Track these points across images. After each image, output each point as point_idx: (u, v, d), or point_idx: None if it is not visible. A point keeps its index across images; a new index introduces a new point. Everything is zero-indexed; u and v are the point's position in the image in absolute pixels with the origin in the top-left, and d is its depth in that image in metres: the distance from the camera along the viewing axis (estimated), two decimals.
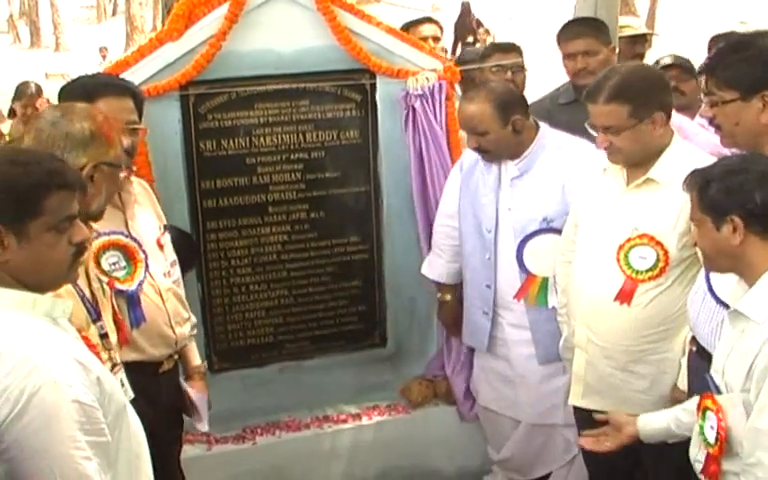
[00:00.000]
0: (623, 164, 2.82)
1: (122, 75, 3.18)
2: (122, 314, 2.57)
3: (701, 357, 2.49)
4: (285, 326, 3.84)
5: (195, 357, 3.04)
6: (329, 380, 3.89)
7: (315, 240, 3.79)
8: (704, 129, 3.24)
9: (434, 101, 3.64)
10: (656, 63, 4.13)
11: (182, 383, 2.95)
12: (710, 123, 2.56)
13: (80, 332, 1.94)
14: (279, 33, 3.50)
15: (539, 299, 3.30)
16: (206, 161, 3.56)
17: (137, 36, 24.08)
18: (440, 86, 3.64)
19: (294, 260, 3.78)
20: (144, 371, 2.62)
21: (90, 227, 2.11)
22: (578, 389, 3.00)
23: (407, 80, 3.62)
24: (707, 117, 2.55)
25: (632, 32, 4.54)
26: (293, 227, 3.74)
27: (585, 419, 3.04)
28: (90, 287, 2.28)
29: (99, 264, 2.57)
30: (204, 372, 3.07)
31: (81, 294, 2.19)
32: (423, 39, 4.22)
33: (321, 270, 3.83)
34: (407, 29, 4.41)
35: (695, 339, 2.56)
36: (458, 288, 3.67)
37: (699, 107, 3.34)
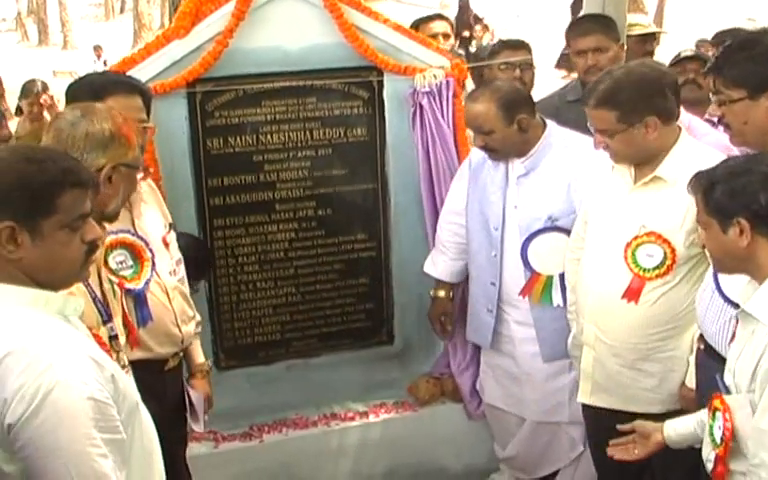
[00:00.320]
0: (623, 164, 2.81)
1: (129, 72, 3.18)
2: (129, 313, 2.57)
3: (709, 355, 2.49)
4: (292, 323, 3.83)
5: (199, 355, 3.04)
6: (336, 377, 3.89)
7: (322, 237, 3.78)
8: (714, 129, 3.22)
9: (441, 98, 3.63)
10: (677, 56, 4.15)
11: (184, 381, 2.96)
12: (719, 122, 2.54)
13: (91, 330, 1.94)
14: (286, 30, 3.50)
15: (544, 297, 3.29)
16: (213, 158, 3.56)
17: (145, 33, 24.06)
18: (447, 83, 3.63)
19: (301, 257, 3.77)
20: (150, 369, 2.62)
21: (102, 227, 2.10)
22: (586, 387, 2.99)
23: (414, 77, 3.61)
24: (715, 116, 2.54)
25: (642, 30, 4.53)
26: (300, 224, 3.74)
27: (593, 417, 3.05)
28: (101, 288, 2.28)
29: (107, 263, 2.57)
30: (207, 370, 3.07)
31: (93, 295, 2.19)
32: (433, 36, 4.22)
33: (328, 267, 3.82)
34: (417, 26, 4.41)
35: (703, 337, 2.55)
36: (454, 287, 3.67)
37: None
